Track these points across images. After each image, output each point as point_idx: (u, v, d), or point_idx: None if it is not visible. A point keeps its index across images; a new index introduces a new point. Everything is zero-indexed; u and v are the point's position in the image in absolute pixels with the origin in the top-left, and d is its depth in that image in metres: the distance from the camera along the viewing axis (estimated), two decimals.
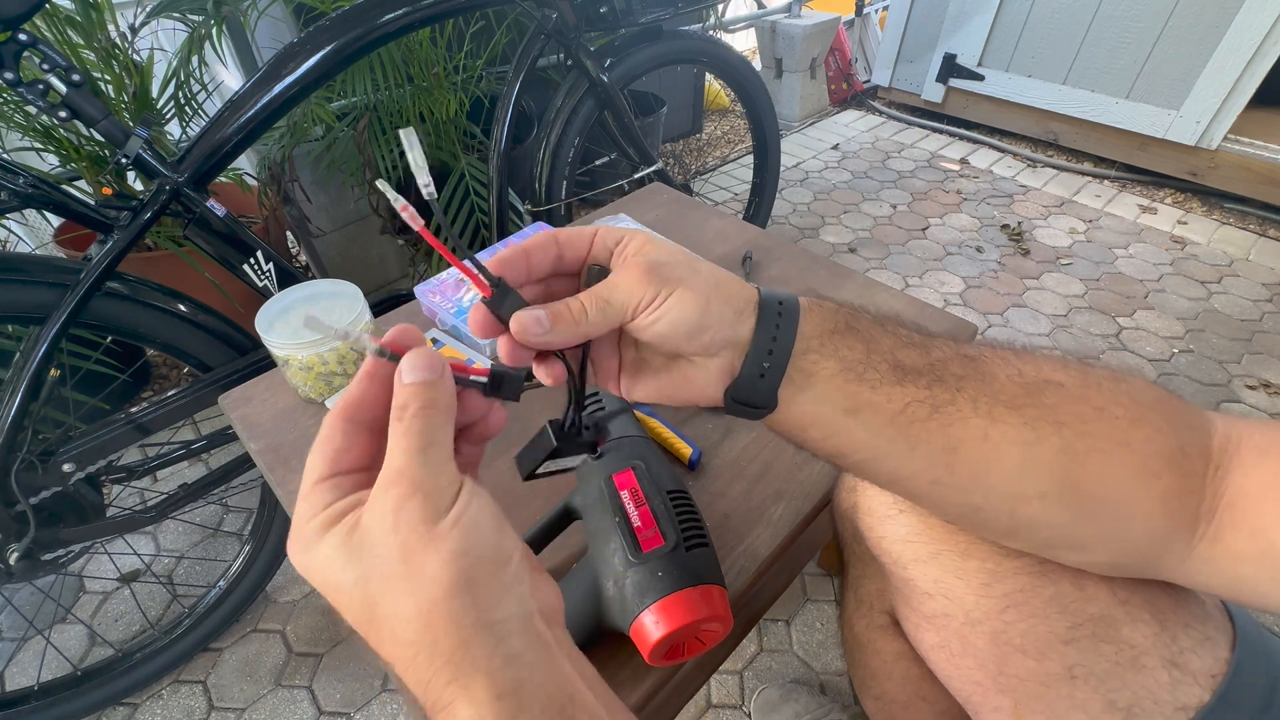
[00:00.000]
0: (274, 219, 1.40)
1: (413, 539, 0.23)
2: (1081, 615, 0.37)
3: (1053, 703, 0.38)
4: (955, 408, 0.31)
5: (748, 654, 1.01)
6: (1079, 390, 0.31)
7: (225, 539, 1.20)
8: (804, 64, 2.57)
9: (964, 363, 0.32)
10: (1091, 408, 0.31)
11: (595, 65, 1.17)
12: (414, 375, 0.26)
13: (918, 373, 0.31)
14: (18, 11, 0.66)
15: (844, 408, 0.32)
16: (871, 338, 0.32)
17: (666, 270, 0.30)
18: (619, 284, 0.30)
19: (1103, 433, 0.30)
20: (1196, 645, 0.36)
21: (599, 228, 0.33)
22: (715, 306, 0.30)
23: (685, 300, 0.30)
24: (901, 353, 0.32)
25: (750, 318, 0.31)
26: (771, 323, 0.31)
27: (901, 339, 0.33)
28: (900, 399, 0.31)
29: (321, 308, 0.69)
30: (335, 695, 0.98)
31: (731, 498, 0.58)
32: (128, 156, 0.77)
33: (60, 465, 0.78)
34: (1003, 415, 0.31)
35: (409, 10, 0.91)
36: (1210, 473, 0.31)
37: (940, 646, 0.45)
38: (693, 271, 0.31)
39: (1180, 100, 2.02)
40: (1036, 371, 0.32)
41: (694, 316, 0.30)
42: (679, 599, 0.40)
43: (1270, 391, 1.45)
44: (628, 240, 0.32)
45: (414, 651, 0.23)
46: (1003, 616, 0.40)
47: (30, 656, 1.04)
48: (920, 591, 0.45)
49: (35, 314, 0.73)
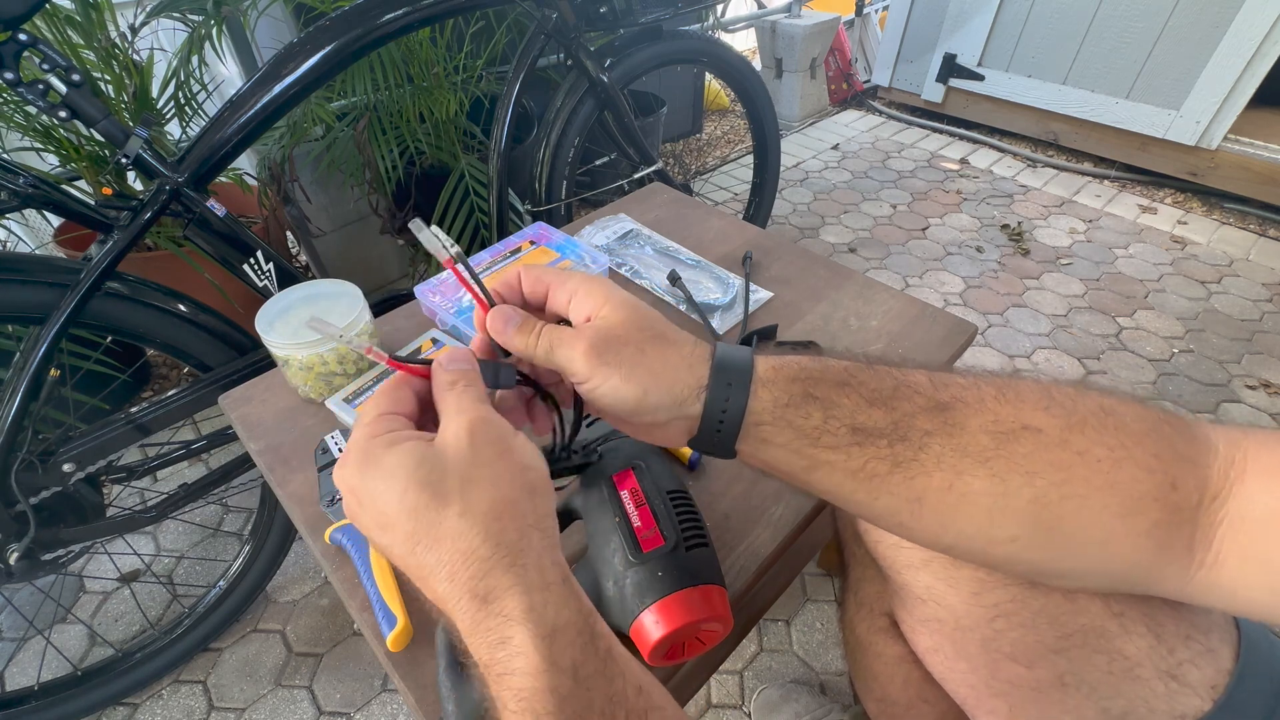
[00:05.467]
0: (274, 219, 1.40)
1: (488, 450, 0.28)
2: (1072, 626, 0.37)
3: (1046, 708, 0.38)
4: (918, 464, 0.31)
5: (748, 654, 1.01)
6: (1059, 435, 0.30)
7: (225, 539, 1.20)
8: (804, 64, 2.56)
9: (932, 415, 0.31)
10: (1071, 453, 0.30)
11: (595, 65, 1.17)
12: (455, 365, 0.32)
13: (878, 434, 0.31)
14: (18, 11, 0.66)
15: (801, 466, 0.32)
16: (830, 403, 0.31)
17: (609, 354, 0.31)
18: (569, 344, 0.32)
19: (1081, 478, 0.30)
20: (1196, 657, 0.36)
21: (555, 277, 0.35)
22: (653, 398, 0.31)
23: (621, 390, 0.31)
24: (863, 414, 0.31)
25: (696, 403, 0.32)
26: (718, 407, 0.32)
27: (865, 397, 0.32)
28: (859, 458, 0.31)
29: (321, 308, 0.69)
30: (335, 695, 0.98)
31: (731, 498, 0.58)
32: (128, 156, 0.77)
33: (60, 465, 0.78)
34: (969, 469, 0.30)
35: (409, 10, 0.91)
36: (1206, 503, 0.30)
37: (935, 650, 0.45)
38: (635, 360, 0.31)
39: (1180, 100, 2.02)
40: (1015, 416, 0.31)
41: (630, 404, 0.31)
42: (679, 599, 0.40)
43: (1270, 391, 1.45)
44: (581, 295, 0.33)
45: (477, 544, 0.26)
46: (992, 625, 0.40)
47: (30, 656, 1.04)
48: (914, 596, 0.45)
49: (35, 314, 0.73)
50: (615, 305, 0.32)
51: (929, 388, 0.32)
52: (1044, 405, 0.31)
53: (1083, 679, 0.37)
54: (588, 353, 0.31)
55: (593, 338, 0.31)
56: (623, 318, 0.32)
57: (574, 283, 0.34)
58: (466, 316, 0.74)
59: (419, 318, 0.80)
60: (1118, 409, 0.31)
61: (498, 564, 0.25)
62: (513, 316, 0.33)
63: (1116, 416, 0.31)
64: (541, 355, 0.33)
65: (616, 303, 0.33)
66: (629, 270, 0.85)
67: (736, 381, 0.32)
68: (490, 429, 0.29)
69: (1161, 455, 0.30)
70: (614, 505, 0.45)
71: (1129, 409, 0.31)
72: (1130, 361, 1.54)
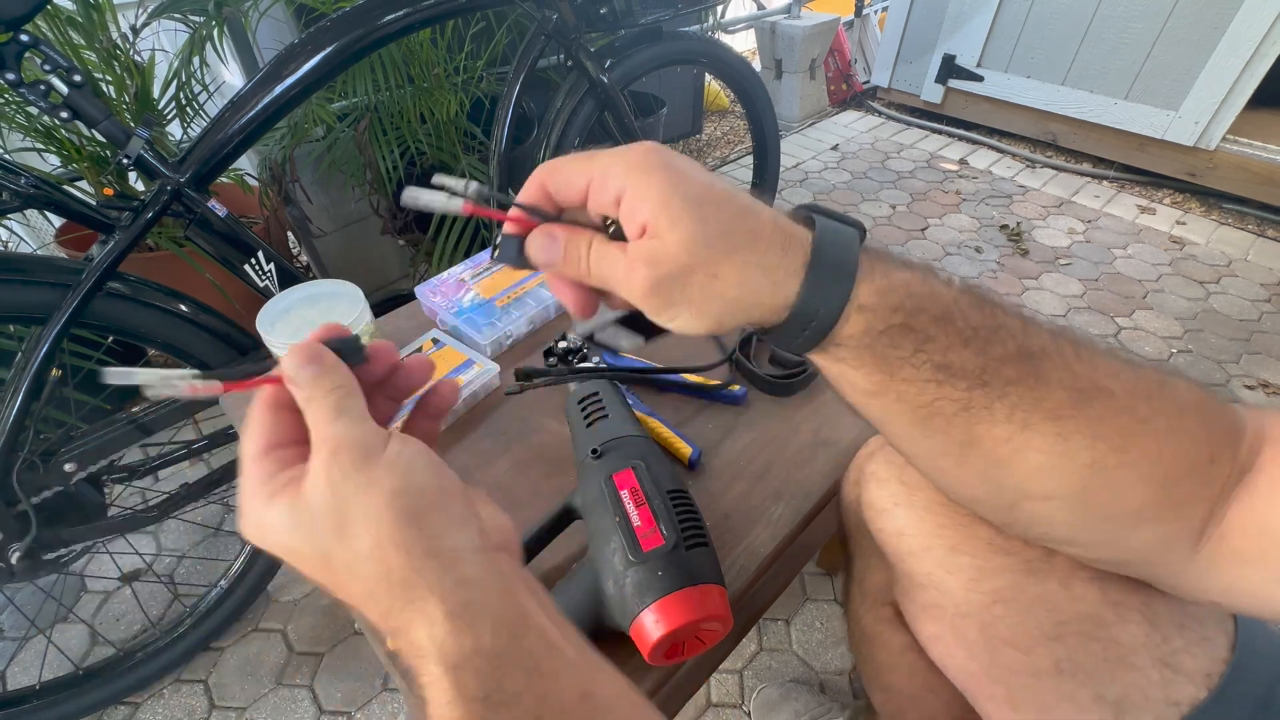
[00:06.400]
0: (275, 219, 1.40)
1: (348, 487, 0.24)
2: (1068, 614, 0.38)
3: (1042, 694, 0.39)
4: (989, 412, 0.29)
5: (748, 653, 1.02)
6: (1126, 400, 0.30)
7: (226, 538, 1.20)
8: (803, 65, 2.57)
9: (1020, 364, 0.29)
10: (1135, 419, 0.29)
11: (595, 66, 1.17)
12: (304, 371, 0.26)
13: (963, 375, 0.29)
14: (19, 12, 0.66)
15: (865, 389, 0.30)
16: (926, 337, 0.29)
17: (675, 290, 0.27)
18: (627, 278, 0.27)
19: (1140, 446, 0.29)
20: (1191, 646, 0.36)
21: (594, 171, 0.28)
22: (728, 322, 0.28)
23: (691, 324, 0.28)
24: (954, 353, 0.29)
25: (779, 314, 0.28)
26: (801, 327, 0.28)
27: (961, 333, 0.29)
28: (930, 395, 0.29)
29: (322, 308, 0.69)
30: (336, 694, 0.98)
31: (731, 498, 0.58)
32: (129, 157, 0.77)
33: (62, 465, 0.78)
34: (1038, 424, 0.29)
35: (410, 11, 0.91)
36: (1233, 479, 0.30)
37: (936, 637, 0.45)
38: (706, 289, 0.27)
39: (1179, 101, 2.02)
40: (1091, 377, 0.30)
41: (701, 333, 0.29)
42: (679, 598, 0.40)
43: (1269, 391, 1.45)
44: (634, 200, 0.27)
45: (372, 585, 0.24)
46: (990, 611, 0.41)
47: (31, 656, 1.04)
48: (915, 584, 0.46)
49: (37, 314, 0.73)
50: (675, 213, 0.26)
51: (1021, 333, 0.30)
52: (1115, 368, 0.30)
53: (1079, 666, 0.37)
54: (649, 290, 0.27)
55: (653, 270, 0.26)
56: (688, 232, 0.26)
57: (618, 176, 0.27)
58: (467, 316, 0.74)
59: (419, 318, 0.80)
60: (1170, 379, 0.31)
61: (395, 601, 0.24)
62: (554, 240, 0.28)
63: (1171, 386, 0.31)
64: (600, 283, 0.29)
65: (677, 209, 0.26)
66: None
67: (827, 306, 0.28)
68: (346, 457, 0.25)
69: (1210, 428, 0.30)
70: (614, 505, 0.45)
71: (1179, 381, 0.31)
72: None
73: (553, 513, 0.50)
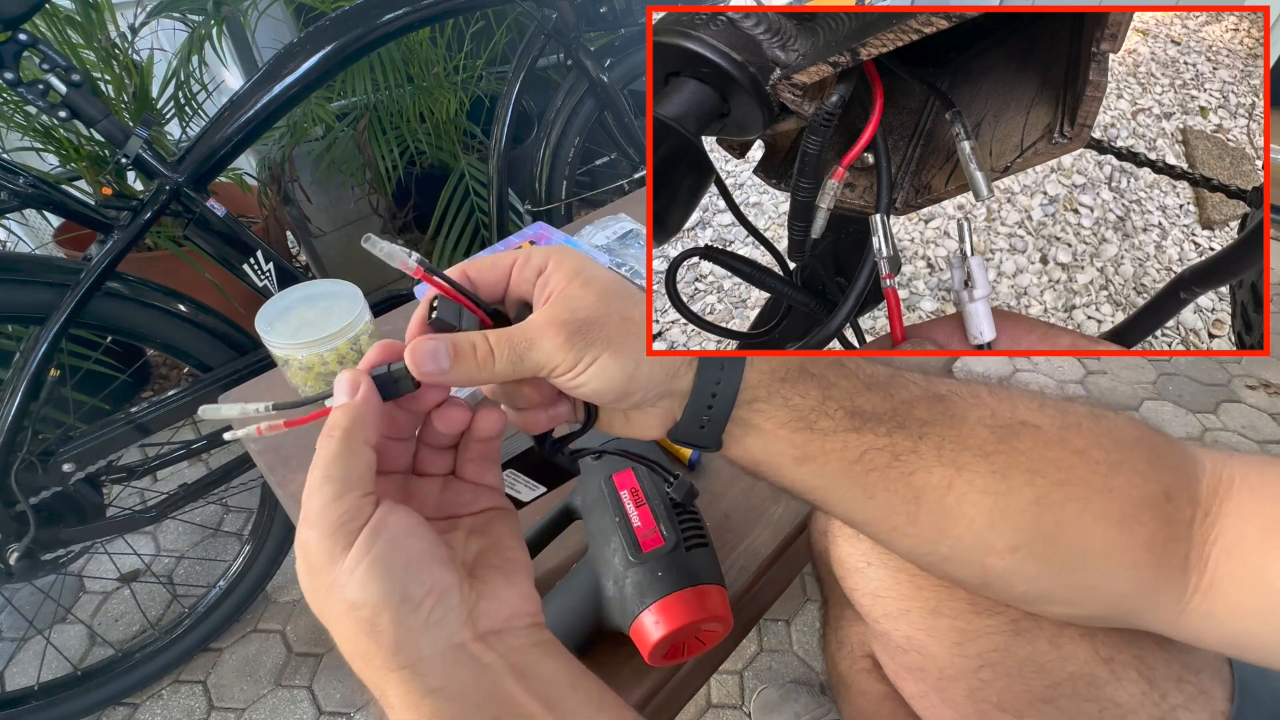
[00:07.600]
0: (274, 219, 1.40)
1: (315, 583, 0.25)
2: (1060, 674, 0.36)
3: None
4: (917, 455, 0.29)
5: (748, 654, 1.01)
6: (1056, 433, 0.29)
7: (225, 539, 1.20)
8: None
9: (931, 405, 0.30)
10: (1069, 452, 0.29)
11: (595, 65, 1.17)
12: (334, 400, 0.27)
13: (877, 419, 0.29)
14: (18, 11, 0.66)
15: (793, 456, 0.30)
16: (827, 381, 0.29)
17: (591, 332, 0.26)
18: (537, 342, 0.27)
19: (1081, 479, 0.29)
20: (1190, 701, 0.35)
21: (517, 256, 0.29)
22: (644, 370, 0.28)
23: (609, 368, 0.27)
24: (860, 397, 0.29)
25: (688, 372, 0.29)
26: (712, 377, 0.28)
27: (862, 380, 0.30)
28: (856, 447, 0.29)
29: (321, 307, 0.69)
30: (335, 695, 0.98)
31: (731, 498, 0.58)
32: (128, 156, 0.77)
33: (60, 465, 0.78)
34: (970, 463, 0.29)
35: (409, 10, 0.91)
36: (1198, 519, 0.29)
37: (921, 696, 0.44)
38: (621, 330, 0.27)
39: None
40: (1012, 412, 0.30)
41: (619, 384, 0.27)
42: (679, 599, 0.40)
43: (1270, 391, 1.45)
44: (550, 271, 0.28)
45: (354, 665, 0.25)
46: (978, 675, 0.39)
47: (30, 656, 1.04)
48: (895, 645, 0.44)
49: (35, 314, 0.73)
50: (590, 275, 0.28)
51: (924, 380, 0.31)
52: (1037, 404, 0.30)
53: None
54: (564, 339, 0.26)
55: (566, 319, 0.26)
56: (597, 289, 0.28)
57: (540, 255, 0.29)
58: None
59: None
60: (1106, 415, 0.31)
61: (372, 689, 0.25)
62: (439, 348, 0.26)
63: (1108, 421, 0.30)
64: (507, 370, 0.27)
65: (592, 272, 0.28)
66: (629, 270, 0.85)
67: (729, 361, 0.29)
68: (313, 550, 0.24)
69: (1154, 462, 0.30)
70: (614, 505, 0.45)
71: (1116, 417, 0.31)
72: (1130, 361, 1.54)
73: (552, 513, 0.49)
